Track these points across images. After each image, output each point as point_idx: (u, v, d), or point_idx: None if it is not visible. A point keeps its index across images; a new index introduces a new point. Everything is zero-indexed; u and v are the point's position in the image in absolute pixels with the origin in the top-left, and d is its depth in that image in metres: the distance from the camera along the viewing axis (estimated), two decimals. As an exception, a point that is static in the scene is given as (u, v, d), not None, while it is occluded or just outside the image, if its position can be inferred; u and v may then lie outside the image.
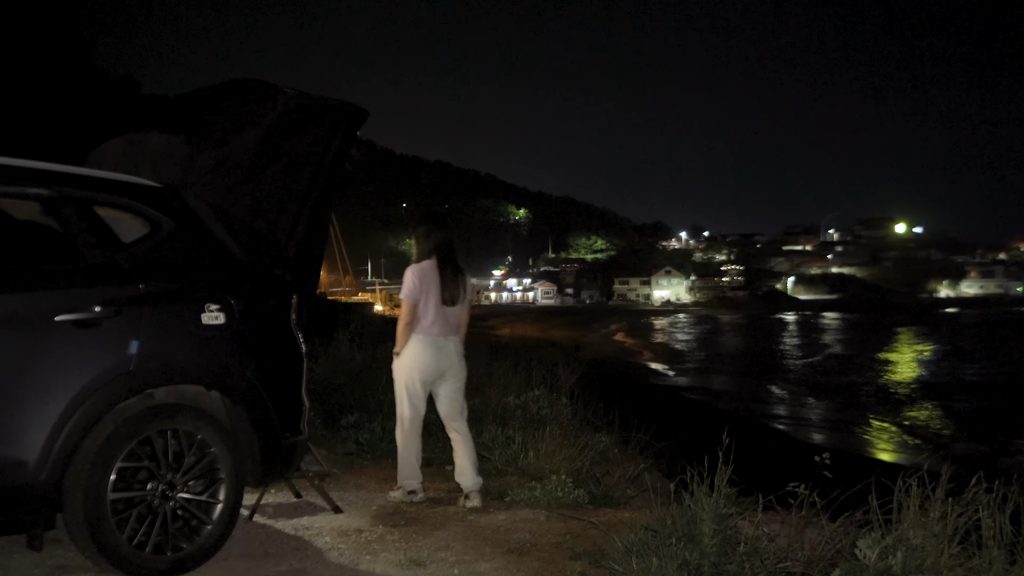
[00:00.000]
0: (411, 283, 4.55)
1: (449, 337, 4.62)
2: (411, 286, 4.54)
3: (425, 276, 4.56)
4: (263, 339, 3.59)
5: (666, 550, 3.14)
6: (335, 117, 4.05)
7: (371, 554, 3.67)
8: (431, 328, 4.56)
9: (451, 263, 4.62)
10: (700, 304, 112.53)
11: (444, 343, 4.60)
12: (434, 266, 4.58)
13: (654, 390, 22.72)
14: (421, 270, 4.57)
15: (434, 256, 4.61)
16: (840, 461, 3.34)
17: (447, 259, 4.61)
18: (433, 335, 4.57)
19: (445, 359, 4.60)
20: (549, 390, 6.91)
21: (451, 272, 4.60)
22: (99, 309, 3.03)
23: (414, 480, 4.64)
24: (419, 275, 4.55)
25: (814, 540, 3.17)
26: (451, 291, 4.58)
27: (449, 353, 4.62)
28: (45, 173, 3.18)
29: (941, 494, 3.00)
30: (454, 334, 4.65)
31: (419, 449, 4.67)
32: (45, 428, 2.87)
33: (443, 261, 4.60)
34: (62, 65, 17.94)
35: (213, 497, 3.33)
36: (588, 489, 4.77)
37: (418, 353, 4.56)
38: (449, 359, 4.62)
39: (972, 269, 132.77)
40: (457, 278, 4.62)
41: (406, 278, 4.59)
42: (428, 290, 4.54)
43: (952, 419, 18.86)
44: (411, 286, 4.54)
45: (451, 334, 4.63)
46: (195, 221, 3.54)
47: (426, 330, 4.56)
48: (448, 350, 4.62)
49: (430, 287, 4.55)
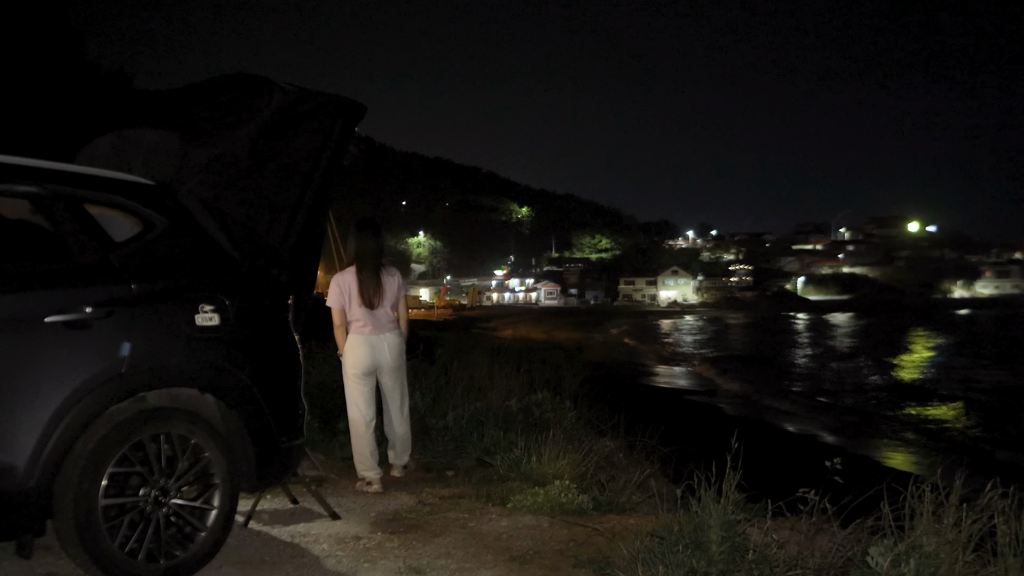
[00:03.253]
0: (332, 291, 5.06)
1: (383, 335, 5.05)
2: (332, 294, 5.05)
3: (344, 283, 5.03)
4: (259, 341, 3.54)
5: (673, 557, 3.12)
6: (332, 113, 3.99)
7: (369, 562, 3.61)
8: (362, 328, 5.03)
9: (369, 269, 5.01)
10: (708, 305, 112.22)
11: (377, 340, 5.04)
12: (352, 273, 5.03)
13: (660, 393, 22.66)
14: (341, 278, 5.06)
15: (354, 263, 5.05)
16: (851, 466, 3.29)
17: (364, 266, 5.02)
18: (365, 334, 5.03)
19: (379, 355, 5.05)
20: (552, 393, 6.86)
21: (369, 278, 5.01)
22: (90, 310, 2.98)
23: (369, 471, 5.03)
24: (338, 283, 5.05)
25: (825, 547, 3.15)
26: (369, 295, 4.99)
27: (382, 349, 5.06)
28: (34, 170, 3.13)
29: (955, 500, 2.97)
30: (389, 331, 5.08)
31: (370, 442, 5.05)
32: (35, 432, 2.82)
33: (360, 268, 5.02)
34: (51, 57, 17.83)
35: (207, 503, 3.28)
36: (592, 495, 4.71)
37: (351, 351, 5.05)
38: (382, 355, 5.06)
39: (987, 269, 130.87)
40: (375, 282, 5.01)
41: (330, 287, 5.08)
42: (350, 295, 5.01)
43: (966, 423, 18.72)
44: (332, 294, 5.05)
45: (384, 331, 5.06)
46: (189, 220, 3.48)
47: (358, 330, 5.05)
48: (381, 347, 5.05)
49: (352, 292, 5.00)
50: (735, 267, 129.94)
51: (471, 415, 6.39)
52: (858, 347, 44.68)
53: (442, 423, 6.34)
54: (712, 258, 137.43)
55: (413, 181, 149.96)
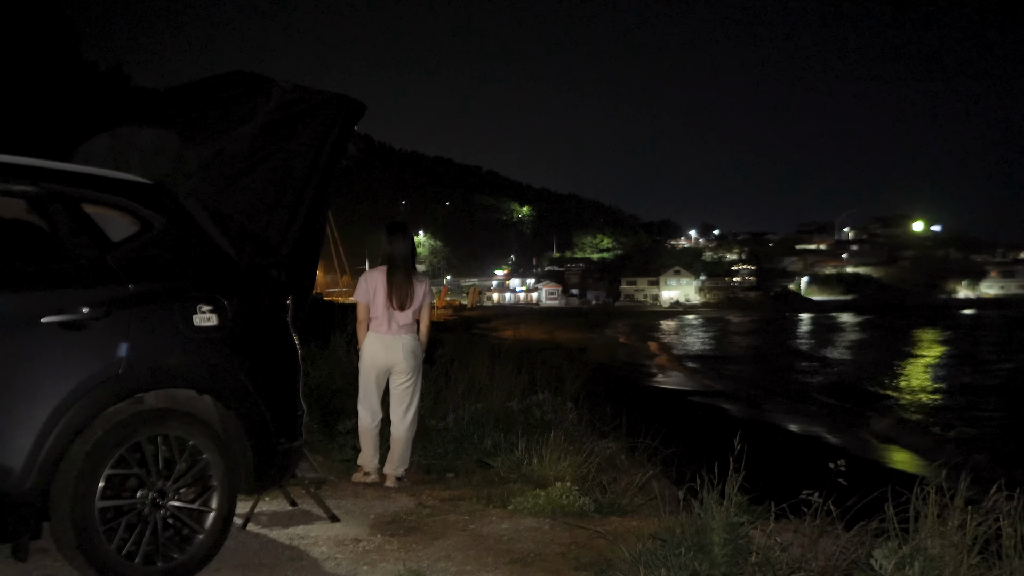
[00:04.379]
0: (360, 287, 5.20)
1: (399, 336, 5.13)
2: (360, 289, 5.19)
3: (373, 281, 5.15)
4: (257, 341, 3.51)
5: (675, 560, 3.11)
6: (331, 111, 3.97)
7: (369, 564, 3.58)
8: (379, 327, 5.13)
9: (401, 272, 5.11)
10: (710, 305, 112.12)
11: (392, 341, 5.12)
12: (383, 272, 5.14)
13: (662, 394, 22.62)
14: (370, 275, 5.20)
15: (386, 264, 5.16)
16: (856, 468, 3.26)
17: (396, 268, 5.12)
18: (381, 333, 5.13)
19: (392, 355, 5.12)
20: (553, 394, 6.84)
21: (400, 279, 5.10)
22: (87, 310, 2.95)
23: (368, 464, 5.24)
24: (367, 279, 5.19)
25: (828, 550, 3.14)
26: (399, 297, 5.08)
27: (396, 350, 5.12)
28: (31, 169, 3.11)
29: (960, 502, 2.96)
30: (406, 333, 5.15)
31: (374, 439, 5.23)
32: (31, 434, 2.80)
33: (392, 269, 5.12)
34: (49, 55, 17.81)
35: (205, 505, 3.25)
36: (594, 497, 4.70)
37: (367, 348, 5.18)
38: (396, 355, 5.12)
39: (992, 269, 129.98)
40: (406, 285, 5.10)
41: (358, 282, 5.23)
42: (376, 294, 5.11)
43: (972, 425, 18.65)
44: (360, 289, 5.19)
45: (402, 333, 5.14)
46: (187, 219, 3.46)
47: (375, 328, 5.15)
48: (396, 347, 5.12)
49: (378, 291, 5.11)
50: (738, 267, 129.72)
51: (471, 416, 6.37)
52: (863, 347, 44.60)
53: (442, 424, 6.31)
54: (715, 258, 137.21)
55: (413, 180, 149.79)
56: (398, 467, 5.24)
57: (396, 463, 5.23)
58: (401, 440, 5.23)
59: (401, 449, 5.23)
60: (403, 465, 5.27)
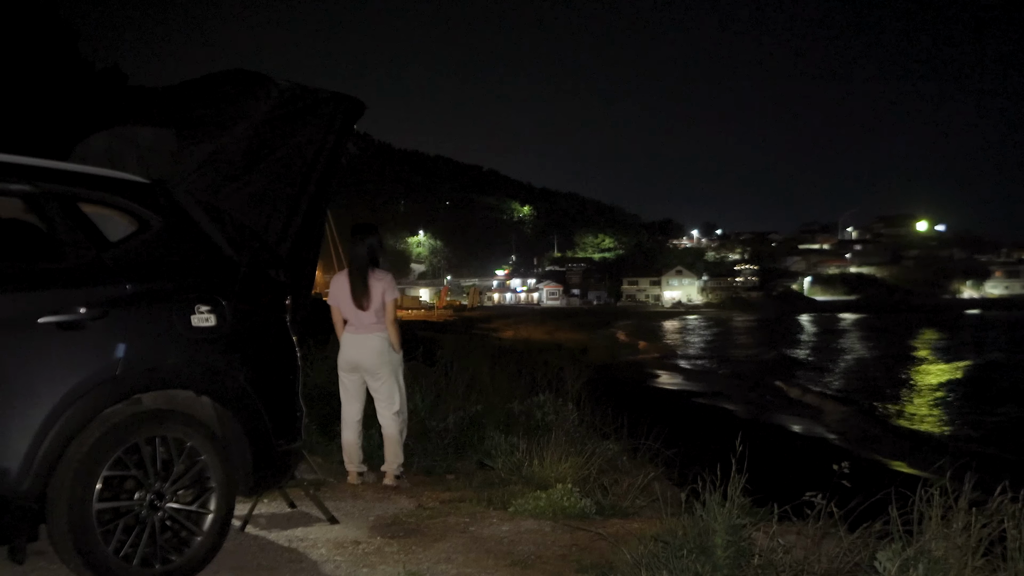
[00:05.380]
0: (331, 290, 5.31)
1: (367, 335, 5.18)
2: (331, 293, 5.31)
3: (339, 284, 5.25)
4: (256, 342, 3.50)
5: (677, 562, 3.10)
6: (331, 110, 3.94)
7: (368, 566, 3.57)
8: (351, 327, 5.23)
9: (356, 272, 5.16)
10: (713, 305, 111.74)
11: (361, 340, 5.19)
12: (345, 275, 5.23)
13: (664, 395, 22.59)
14: (337, 278, 5.30)
15: (348, 266, 5.24)
16: (859, 470, 3.24)
17: (353, 269, 5.18)
18: (351, 333, 5.22)
19: (361, 354, 5.18)
20: (555, 395, 6.81)
21: (356, 280, 5.15)
22: (84, 311, 2.95)
23: (350, 464, 5.29)
24: (335, 282, 5.29)
25: (832, 552, 3.13)
26: (356, 297, 5.13)
27: (365, 349, 5.18)
28: (28, 168, 3.10)
29: (964, 504, 2.93)
30: (374, 332, 5.18)
31: (352, 438, 5.28)
32: (28, 435, 2.79)
33: (351, 271, 5.20)
34: (45, 53, 17.76)
35: (203, 507, 3.24)
36: (595, 499, 4.68)
37: (341, 348, 5.28)
38: (365, 354, 5.18)
39: (997, 269, 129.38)
40: (361, 285, 5.13)
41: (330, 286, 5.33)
42: (342, 296, 5.20)
43: (976, 426, 18.59)
44: (331, 293, 5.31)
45: (370, 332, 5.17)
46: (184, 218, 3.44)
47: (348, 329, 5.25)
48: (364, 346, 5.18)
49: (344, 293, 5.19)
50: (740, 267, 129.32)
51: (472, 417, 6.35)
52: (867, 348, 44.53)
53: (442, 426, 6.29)
54: (717, 258, 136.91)
55: (413, 179, 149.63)
56: (392, 465, 5.26)
57: (390, 461, 5.27)
58: (389, 439, 5.27)
59: (391, 447, 5.28)
60: (397, 461, 5.28)
